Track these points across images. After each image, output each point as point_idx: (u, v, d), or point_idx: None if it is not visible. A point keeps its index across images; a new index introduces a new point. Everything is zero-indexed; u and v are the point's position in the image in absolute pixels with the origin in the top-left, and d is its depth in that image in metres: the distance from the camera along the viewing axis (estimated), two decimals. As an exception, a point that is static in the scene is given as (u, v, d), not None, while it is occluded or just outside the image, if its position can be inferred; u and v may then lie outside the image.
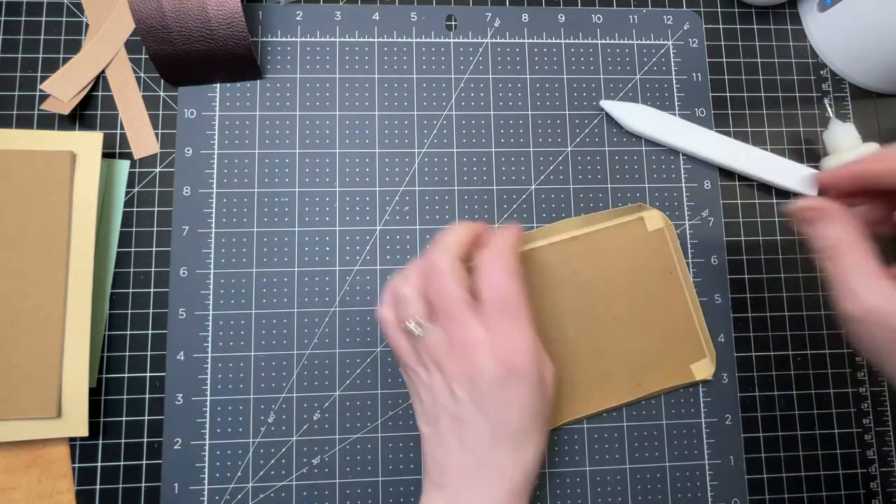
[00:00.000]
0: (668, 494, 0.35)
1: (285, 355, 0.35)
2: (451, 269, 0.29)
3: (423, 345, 0.29)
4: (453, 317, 0.28)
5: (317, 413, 0.35)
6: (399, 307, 0.30)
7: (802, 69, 0.40)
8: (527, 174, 0.38)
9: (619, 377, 0.36)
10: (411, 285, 0.30)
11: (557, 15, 0.39)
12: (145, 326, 0.35)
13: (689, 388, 0.36)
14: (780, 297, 0.38)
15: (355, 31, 0.38)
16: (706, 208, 0.38)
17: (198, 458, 0.34)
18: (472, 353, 0.28)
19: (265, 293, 0.36)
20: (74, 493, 0.33)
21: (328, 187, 0.37)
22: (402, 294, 0.30)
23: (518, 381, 0.28)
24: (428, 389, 0.29)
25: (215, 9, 0.34)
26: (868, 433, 0.37)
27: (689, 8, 0.40)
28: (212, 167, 0.36)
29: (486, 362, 0.27)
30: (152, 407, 0.35)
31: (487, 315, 0.28)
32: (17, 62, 0.37)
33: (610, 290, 0.36)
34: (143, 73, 0.37)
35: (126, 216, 0.36)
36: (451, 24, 0.39)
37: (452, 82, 0.38)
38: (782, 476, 0.36)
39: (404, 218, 0.37)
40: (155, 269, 0.36)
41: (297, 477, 0.34)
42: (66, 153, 0.34)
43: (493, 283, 0.29)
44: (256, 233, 0.36)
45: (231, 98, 0.37)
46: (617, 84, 0.39)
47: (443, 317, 0.29)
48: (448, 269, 0.29)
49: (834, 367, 0.38)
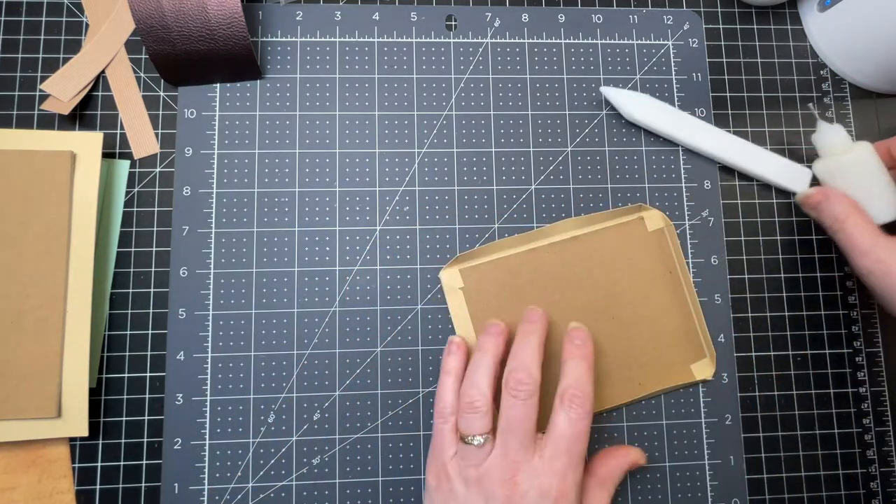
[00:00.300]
0: (668, 494, 0.35)
1: (285, 355, 0.35)
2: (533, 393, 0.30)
3: (475, 459, 0.29)
4: (524, 445, 0.29)
5: (317, 413, 0.35)
6: (466, 412, 0.30)
7: (802, 69, 0.40)
8: (527, 174, 0.38)
9: (619, 377, 0.36)
10: (484, 393, 0.31)
11: (557, 15, 0.39)
12: (145, 326, 0.35)
13: (689, 388, 0.36)
14: (780, 297, 0.38)
15: (355, 31, 0.38)
16: (706, 208, 0.38)
17: (198, 458, 0.34)
18: (523, 483, 0.28)
19: (265, 293, 0.36)
20: (74, 493, 0.33)
21: (328, 187, 0.37)
22: (474, 401, 0.30)
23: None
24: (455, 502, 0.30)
25: (215, 9, 0.34)
26: (868, 433, 0.37)
27: (689, 8, 0.40)
28: (212, 167, 0.36)
29: (532, 496, 0.28)
30: (152, 407, 0.35)
31: (552, 452, 0.29)
32: (17, 62, 0.37)
33: (610, 290, 0.36)
34: (143, 73, 0.37)
35: (126, 216, 0.36)
36: (451, 24, 0.39)
37: (452, 82, 0.38)
38: (782, 476, 0.36)
39: (404, 218, 0.37)
40: (155, 269, 0.36)
41: (297, 477, 0.34)
42: (66, 153, 0.34)
43: (572, 419, 0.30)
44: (256, 233, 0.36)
45: (231, 98, 0.37)
46: (617, 84, 0.39)
47: (509, 437, 0.29)
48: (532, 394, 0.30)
49: (834, 367, 0.38)
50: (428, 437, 0.35)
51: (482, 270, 0.36)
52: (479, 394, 0.30)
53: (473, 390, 0.31)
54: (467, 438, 0.30)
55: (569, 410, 0.30)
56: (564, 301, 0.36)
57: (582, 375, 0.31)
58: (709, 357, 0.36)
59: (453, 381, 0.32)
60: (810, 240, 0.39)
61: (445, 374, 0.32)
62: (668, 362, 0.36)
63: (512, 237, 0.36)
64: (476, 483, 0.29)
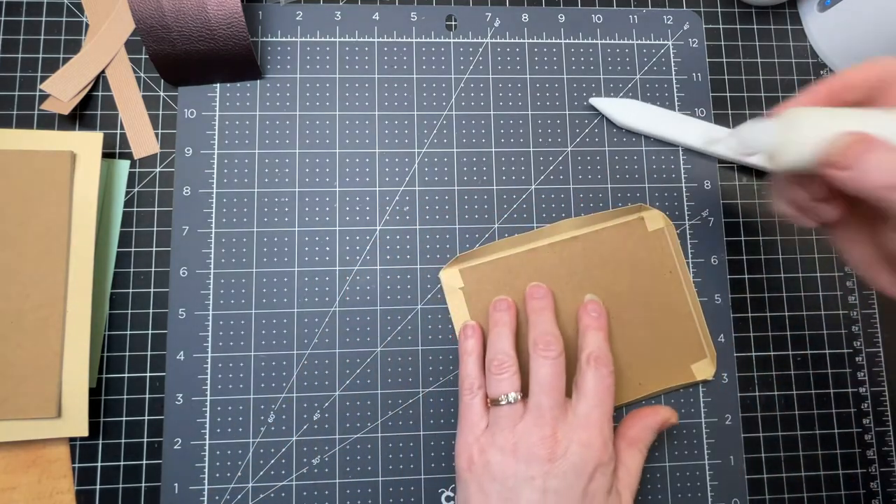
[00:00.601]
0: (668, 494, 0.35)
1: (285, 355, 0.35)
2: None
3: (509, 421, 0.29)
4: (558, 403, 0.29)
5: (317, 413, 0.35)
6: (495, 374, 0.31)
7: (802, 69, 0.40)
8: (527, 174, 0.38)
9: (620, 377, 0.36)
10: (510, 354, 0.31)
11: (557, 15, 0.39)
12: (145, 326, 0.35)
13: (690, 388, 0.36)
14: (780, 297, 0.38)
15: (355, 31, 0.38)
16: (706, 208, 0.38)
17: (198, 458, 0.34)
18: (563, 439, 0.29)
19: (265, 293, 0.36)
20: (74, 493, 0.33)
21: (328, 187, 0.37)
22: (502, 363, 0.31)
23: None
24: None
25: (215, 9, 0.34)
26: (868, 433, 0.37)
27: (689, 8, 0.40)
28: (212, 167, 0.36)
29: (574, 449, 0.28)
30: (152, 407, 0.35)
31: (586, 407, 0.30)
32: (17, 62, 0.37)
33: (610, 290, 0.36)
34: (143, 73, 0.37)
35: (126, 216, 0.36)
36: (451, 24, 0.39)
37: (452, 82, 0.38)
38: (782, 476, 0.36)
39: (404, 218, 0.37)
40: (155, 269, 0.36)
41: (297, 477, 0.34)
42: (66, 153, 0.34)
43: (600, 375, 0.30)
44: (256, 233, 0.36)
45: (231, 98, 0.37)
46: (617, 84, 0.39)
47: (542, 397, 0.30)
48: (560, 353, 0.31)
49: (834, 367, 0.38)
50: (428, 437, 0.35)
51: (482, 270, 0.36)
52: (506, 356, 0.31)
53: (500, 355, 0.31)
54: (500, 399, 0.30)
55: (595, 370, 0.30)
56: (565, 301, 0.36)
57: (602, 342, 0.32)
58: (709, 357, 0.36)
59: (475, 360, 0.32)
60: (810, 240, 0.39)
61: (466, 355, 0.33)
62: (668, 362, 0.36)
63: (512, 237, 0.36)
64: (512, 451, 0.29)
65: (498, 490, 0.28)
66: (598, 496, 0.28)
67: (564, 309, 0.36)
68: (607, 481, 0.29)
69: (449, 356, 0.36)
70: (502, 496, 0.28)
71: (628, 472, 0.31)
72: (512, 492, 0.28)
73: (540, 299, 0.34)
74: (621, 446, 0.31)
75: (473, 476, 0.29)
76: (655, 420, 0.32)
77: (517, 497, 0.28)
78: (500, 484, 0.28)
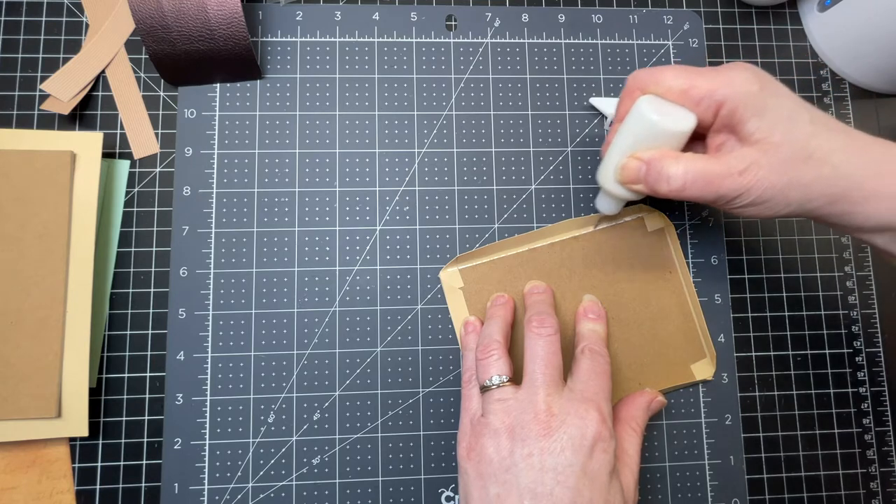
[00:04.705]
0: (668, 494, 0.35)
1: (285, 355, 0.35)
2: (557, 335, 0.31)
3: (500, 395, 0.29)
4: (553, 379, 0.29)
5: (317, 413, 0.35)
6: (482, 359, 0.31)
7: (802, 69, 0.40)
8: (527, 174, 0.38)
9: (619, 377, 0.36)
10: (497, 340, 0.31)
11: (557, 15, 0.39)
12: (145, 326, 0.35)
13: (690, 388, 0.36)
14: (780, 297, 0.38)
15: (355, 31, 0.38)
16: (706, 208, 0.38)
17: (198, 458, 0.34)
18: (559, 413, 0.28)
19: (265, 293, 0.36)
20: (74, 493, 0.33)
21: (328, 187, 0.37)
22: (488, 346, 0.31)
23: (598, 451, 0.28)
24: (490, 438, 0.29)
25: (215, 9, 0.34)
26: (868, 433, 0.37)
27: (689, 8, 0.40)
28: (212, 167, 0.36)
29: (571, 421, 0.28)
30: (152, 407, 0.35)
31: (582, 385, 0.29)
32: (17, 62, 0.37)
33: (610, 290, 0.36)
34: (143, 73, 0.37)
35: (126, 216, 0.36)
36: (451, 24, 0.39)
37: (452, 82, 0.38)
38: (782, 476, 0.36)
39: (404, 218, 0.37)
40: (155, 269, 0.36)
41: (297, 477, 0.34)
42: (66, 153, 0.34)
43: (596, 360, 0.30)
44: (256, 233, 0.36)
45: (231, 98, 0.37)
46: (617, 84, 0.39)
47: (537, 373, 0.29)
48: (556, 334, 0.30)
49: (834, 367, 0.38)
50: (428, 437, 0.35)
51: (482, 270, 0.36)
52: (491, 339, 0.31)
53: (485, 339, 0.31)
54: (487, 383, 0.30)
55: (591, 357, 0.31)
56: (565, 301, 0.36)
57: (598, 337, 0.33)
58: (709, 357, 0.36)
59: (475, 354, 0.32)
60: (810, 240, 0.39)
61: (467, 351, 0.33)
62: (668, 362, 0.36)
63: (512, 237, 0.36)
64: (508, 431, 0.28)
65: (494, 472, 0.28)
66: (601, 477, 0.27)
67: (564, 309, 0.36)
68: (609, 460, 0.28)
69: (449, 356, 0.36)
70: (500, 479, 0.27)
71: (625, 451, 0.30)
72: (509, 472, 0.27)
73: (538, 294, 0.34)
74: (615, 427, 0.30)
75: (472, 463, 0.29)
76: (644, 399, 0.33)
77: (515, 478, 0.27)
78: (497, 465, 0.28)
